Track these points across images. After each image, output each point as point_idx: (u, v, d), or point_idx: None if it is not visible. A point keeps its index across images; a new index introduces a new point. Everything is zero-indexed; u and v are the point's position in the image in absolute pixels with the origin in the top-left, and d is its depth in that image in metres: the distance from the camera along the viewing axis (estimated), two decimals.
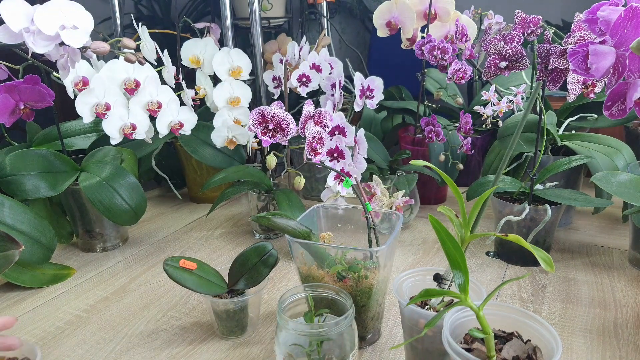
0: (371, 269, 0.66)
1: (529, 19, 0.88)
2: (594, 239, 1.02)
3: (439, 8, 1.08)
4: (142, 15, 2.27)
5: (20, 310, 0.81)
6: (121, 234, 1.05)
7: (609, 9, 0.55)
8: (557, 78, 0.73)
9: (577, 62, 0.57)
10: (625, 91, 0.55)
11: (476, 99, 1.34)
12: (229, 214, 1.20)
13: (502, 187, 0.93)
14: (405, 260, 0.95)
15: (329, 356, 0.58)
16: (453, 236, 0.48)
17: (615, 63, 0.54)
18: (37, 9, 0.69)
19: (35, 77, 0.81)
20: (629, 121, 1.18)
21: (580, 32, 0.69)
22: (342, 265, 0.66)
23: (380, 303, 0.70)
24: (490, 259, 0.95)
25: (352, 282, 0.65)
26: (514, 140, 0.65)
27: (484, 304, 0.49)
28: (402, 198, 0.95)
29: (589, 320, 0.75)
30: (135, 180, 0.96)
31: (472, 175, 1.29)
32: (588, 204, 0.87)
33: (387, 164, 1.15)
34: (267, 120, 0.86)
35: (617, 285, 0.85)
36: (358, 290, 0.65)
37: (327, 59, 1.10)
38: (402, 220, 0.70)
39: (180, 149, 1.20)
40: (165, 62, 1.01)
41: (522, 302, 0.80)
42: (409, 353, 0.64)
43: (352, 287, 0.65)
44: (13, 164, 0.90)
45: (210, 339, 0.73)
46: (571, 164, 0.91)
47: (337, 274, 0.65)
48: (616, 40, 0.54)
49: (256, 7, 1.23)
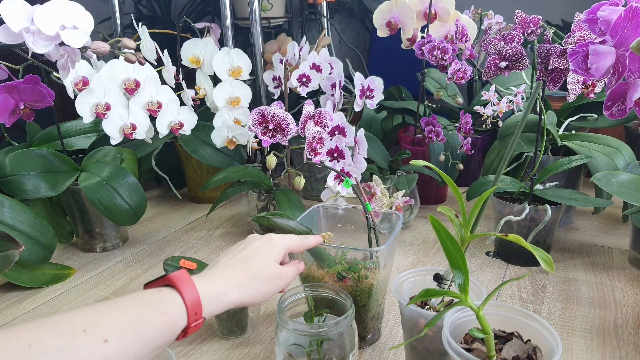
0: (371, 269, 0.66)
1: (529, 19, 0.88)
2: (594, 239, 1.02)
3: (439, 8, 1.08)
4: (142, 15, 2.27)
5: (20, 310, 0.81)
6: (121, 234, 1.05)
7: (609, 9, 0.55)
8: (557, 78, 0.73)
9: (577, 62, 0.57)
10: (625, 91, 0.55)
11: (476, 99, 1.34)
12: (229, 214, 1.20)
13: (502, 187, 0.93)
14: (405, 260, 0.95)
15: (329, 356, 0.58)
16: (453, 236, 0.48)
17: (615, 63, 0.54)
18: (37, 9, 0.69)
19: (35, 77, 0.81)
20: (629, 121, 1.18)
21: (581, 32, 0.69)
22: (342, 265, 0.66)
23: (380, 303, 0.70)
24: (490, 259, 0.95)
25: (352, 282, 0.65)
26: (514, 140, 0.65)
27: (484, 304, 0.49)
28: (402, 198, 0.95)
29: (589, 320, 0.75)
30: (135, 180, 0.96)
31: (472, 175, 1.29)
32: (588, 204, 0.87)
33: (387, 164, 1.15)
34: (267, 120, 0.86)
35: (617, 285, 0.85)
36: (358, 290, 0.65)
37: (327, 59, 1.10)
38: (402, 221, 0.70)
39: (180, 149, 1.20)
40: (165, 62, 1.01)
41: (522, 302, 0.80)
42: (409, 353, 0.64)
43: (352, 287, 0.65)
44: (13, 164, 0.90)
45: (210, 339, 0.73)
46: (571, 164, 0.91)
47: (337, 274, 0.65)
48: (616, 40, 0.54)
49: (256, 7, 1.23)
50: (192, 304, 0.45)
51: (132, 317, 0.41)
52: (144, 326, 0.41)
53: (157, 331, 0.42)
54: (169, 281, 0.45)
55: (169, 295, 0.44)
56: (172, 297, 0.44)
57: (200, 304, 0.45)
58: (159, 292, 0.45)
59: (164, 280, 0.46)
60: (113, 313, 0.40)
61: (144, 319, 0.41)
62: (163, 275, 0.46)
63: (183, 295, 0.44)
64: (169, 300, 0.44)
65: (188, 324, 0.44)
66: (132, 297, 0.43)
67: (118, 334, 0.39)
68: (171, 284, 0.45)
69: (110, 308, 0.41)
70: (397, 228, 0.68)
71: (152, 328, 0.41)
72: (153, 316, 0.42)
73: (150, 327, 0.41)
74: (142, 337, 0.40)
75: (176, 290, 0.45)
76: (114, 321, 0.39)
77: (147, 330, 0.41)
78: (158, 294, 0.44)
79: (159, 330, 0.42)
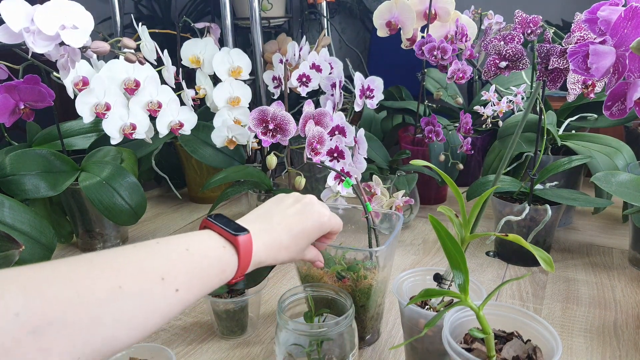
0: (370, 269, 0.66)
1: (529, 18, 0.88)
2: (594, 239, 1.02)
3: (439, 8, 1.08)
4: (142, 15, 2.27)
5: None
6: (121, 233, 1.05)
7: (609, 8, 0.55)
8: (557, 78, 0.73)
9: (577, 62, 0.57)
10: (626, 91, 0.55)
11: (476, 98, 1.34)
12: (229, 214, 1.20)
13: (502, 187, 0.93)
14: (405, 260, 0.95)
15: (329, 356, 0.58)
16: (453, 236, 0.48)
17: (615, 63, 0.54)
18: (37, 8, 0.69)
19: (35, 77, 0.81)
20: (629, 121, 1.18)
21: (580, 32, 0.69)
22: (342, 265, 0.66)
23: (380, 303, 0.70)
24: (490, 259, 0.95)
25: (351, 282, 0.65)
26: (514, 140, 0.65)
27: (484, 304, 0.49)
28: (402, 198, 0.95)
29: (589, 320, 0.75)
30: (135, 180, 0.96)
31: (472, 175, 1.29)
32: (588, 204, 0.87)
33: (387, 164, 1.15)
34: (267, 120, 0.86)
35: (617, 285, 0.85)
36: (357, 290, 0.65)
37: (327, 59, 1.10)
38: (402, 221, 0.70)
39: (180, 149, 1.20)
40: (165, 62, 1.00)
41: (522, 302, 0.80)
42: (409, 353, 0.64)
43: (351, 287, 0.65)
44: (13, 164, 0.90)
45: (210, 339, 0.73)
46: (571, 164, 0.91)
47: (336, 274, 0.65)
48: (616, 40, 0.54)
49: (256, 7, 1.23)
50: (243, 270, 0.48)
51: (199, 272, 0.44)
52: (207, 280, 0.45)
53: (213, 285, 0.46)
54: (234, 242, 0.48)
55: (229, 257, 0.47)
56: (232, 259, 0.47)
57: (247, 269, 0.49)
58: (223, 248, 0.47)
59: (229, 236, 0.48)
60: (186, 265, 0.43)
61: (208, 275, 0.45)
62: (230, 221, 0.50)
63: (240, 262, 0.47)
64: (228, 261, 0.47)
65: (228, 282, 0.48)
66: (200, 245, 0.46)
67: (187, 287, 0.42)
68: (234, 245, 0.48)
69: (183, 258, 0.43)
70: (397, 229, 0.68)
71: (213, 283, 0.45)
72: (215, 273, 0.45)
73: (211, 282, 0.45)
74: (204, 289, 0.44)
75: (236, 253, 0.47)
76: (185, 273, 0.42)
77: (208, 283, 0.45)
78: (222, 251, 0.47)
79: (214, 285, 0.46)
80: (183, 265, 0.42)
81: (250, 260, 0.49)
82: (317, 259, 0.59)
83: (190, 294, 0.42)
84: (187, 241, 0.45)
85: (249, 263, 0.48)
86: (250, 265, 0.49)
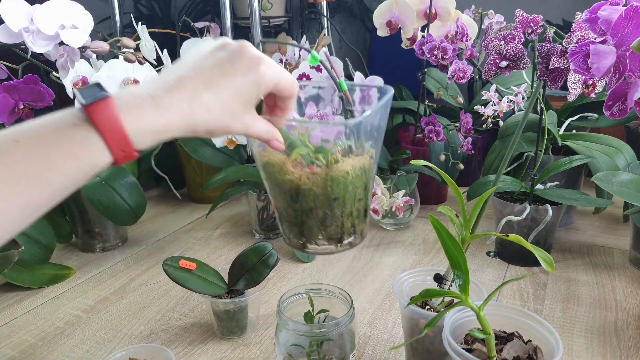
0: (346, 152, 0.52)
1: (530, 18, 0.88)
2: (594, 239, 1.02)
3: (440, 7, 1.08)
4: (142, 15, 2.27)
5: (20, 311, 0.81)
6: (121, 234, 1.05)
7: (610, 8, 0.55)
8: (558, 78, 0.73)
9: (577, 61, 0.57)
10: (626, 91, 0.55)
11: (477, 98, 1.34)
12: (229, 214, 1.20)
13: (503, 187, 0.93)
14: (406, 260, 0.95)
15: (329, 356, 0.58)
16: (453, 236, 0.48)
17: (616, 63, 0.54)
18: (37, 8, 0.69)
19: (34, 76, 0.80)
20: (629, 121, 1.18)
21: (581, 31, 0.69)
22: (308, 147, 0.51)
23: (360, 197, 0.54)
24: (490, 259, 0.95)
25: (322, 170, 0.50)
26: (514, 140, 0.65)
27: (485, 304, 0.49)
28: (402, 198, 0.95)
29: (589, 321, 0.75)
30: (134, 180, 0.96)
31: (472, 175, 1.29)
32: (589, 204, 0.87)
33: (387, 164, 1.15)
34: None
35: (617, 285, 0.84)
36: (328, 178, 0.51)
37: (327, 58, 1.10)
38: (391, 94, 0.53)
39: (180, 149, 1.20)
40: (164, 61, 1.00)
41: (523, 303, 0.80)
42: (410, 353, 0.64)
43: (320, 175, 0.51)
44: None
45: (210, 339, 0.73)
46: (572, 164, 0.91)
47: (302, 158, 0.51)
48: (617, 39, 0.53)
49: (256, 7, 1.23)
50: (122, 145, 0.37)
51: (30, 165, 0.35)
52: (47, 172, 0.36)
53: (67, 175, 0.36)
54: (88, 114, 0.36)
55: (84, 135, 0.37)
56: (90, 138, 0.37)
57: (128, 142, 0.37)
58: (74, 127, 0.36)
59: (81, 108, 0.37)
60: (6, 160, 0.35)
61: (47, 166, 0.35)
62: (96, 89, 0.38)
63: (107, 136, 0.37)
64: (81, 142, 0.36)
65: (116, 161, 0.38)
66: (36, 130, 0.36)
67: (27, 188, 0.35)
68: (90, 118, 0.36)
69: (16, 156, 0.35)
70: (385, 99, 0.52)
71: (63, 173, 0.36)
72: (60, 161, 0.36)
73: (57, 172, 0.36)
74: (47, 183, 0.36)
75: (94, 128, 0.36)
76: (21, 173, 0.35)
77: (50, 176, 0.36)
78: (72, 131, 0.36)
79: (71, 174, 0.37)
80: (19, 166, 0.35)
81: (125, 132, 0.37)
82: (271, 136, 0.46)
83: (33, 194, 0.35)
84: (25, 129, 0.36)
85: (123, 136, 0.37)
86: (150, 134, 0.38)
